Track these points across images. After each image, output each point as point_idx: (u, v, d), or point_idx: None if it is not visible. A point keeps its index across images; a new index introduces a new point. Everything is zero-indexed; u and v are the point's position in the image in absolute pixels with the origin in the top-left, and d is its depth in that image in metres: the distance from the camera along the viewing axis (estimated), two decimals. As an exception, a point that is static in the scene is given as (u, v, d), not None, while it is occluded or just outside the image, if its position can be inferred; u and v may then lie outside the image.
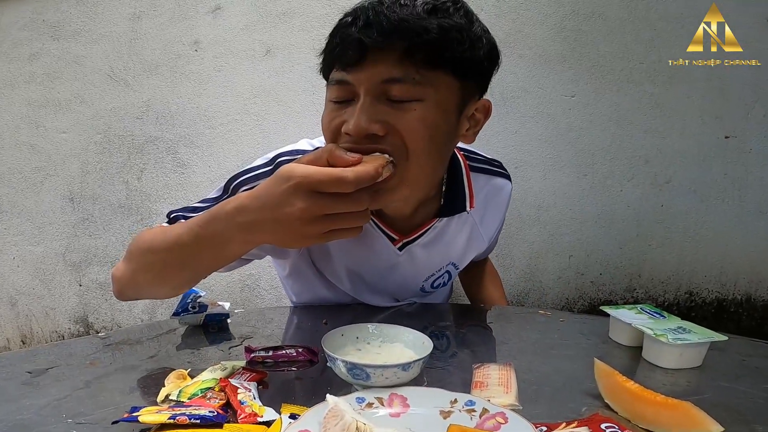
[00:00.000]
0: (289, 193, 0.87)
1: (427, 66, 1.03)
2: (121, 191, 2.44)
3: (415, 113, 1.04)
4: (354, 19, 1.03)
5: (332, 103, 1.10)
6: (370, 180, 0.87)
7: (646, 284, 2.51)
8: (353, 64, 1.03)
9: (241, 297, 2.47)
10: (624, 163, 2.42)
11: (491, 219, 1.49)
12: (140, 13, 2.35)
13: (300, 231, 0.89)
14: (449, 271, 1.49)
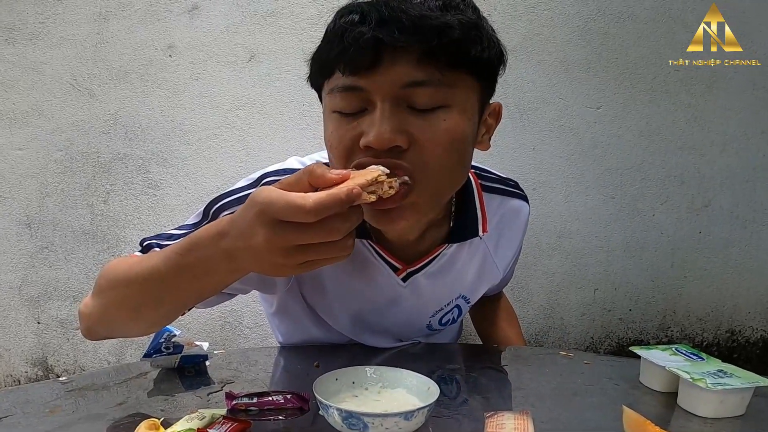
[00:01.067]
0: (252, 221, 0.85)
1: (449, 67, 1.03)
2: (85, 216, 2.41)
3: (443, 123, 1.04)
4: (363, 16, 1.00)
5: (338, 114, 1.08)
6: (340, 205, 0.82)
7: (681, 321, 2.52)
8: (367, 67, 1.01)
9: (222, 336, 2.45)
10: (657, 183, 2.43)
11: (506, 246, 1.48)
12: (107, 13, 2.33)
13: (272, 261, 0.87)
14: (459, 305, 1.48)
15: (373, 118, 1.01)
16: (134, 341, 2.41)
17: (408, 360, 1.35)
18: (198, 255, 0.94)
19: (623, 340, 2.53)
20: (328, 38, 1.07)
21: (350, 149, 1.05)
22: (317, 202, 0.80)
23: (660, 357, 1.17)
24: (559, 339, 2.53)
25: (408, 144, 1.02)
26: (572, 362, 1.37)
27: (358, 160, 1.03)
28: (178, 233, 1.24)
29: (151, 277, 1.02)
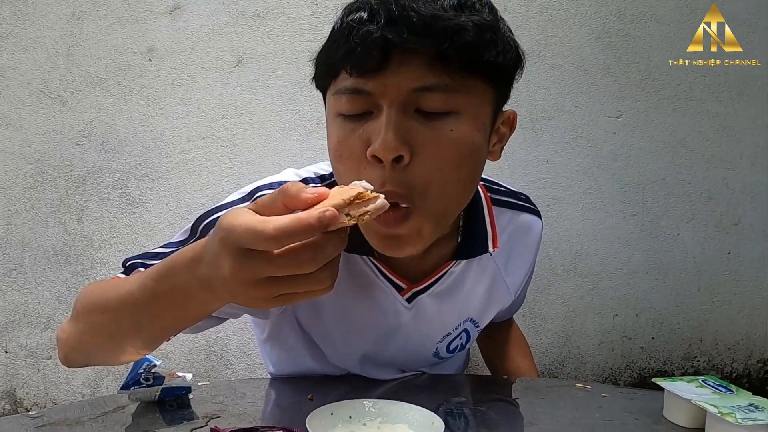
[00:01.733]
0: (218, 249, 0.78)
1: (461, 71, 0.97)
2: (57, 235, 2.30)
3: (450, 133, 0.99)
4: (372, 15, 0.95)
5: (342, 117, 1.02)
6: (307, 231, 0.72)
7: (709, 350, 2.46)
8: (374, 69, 0.96)
9: (206, 366, 2.35)
10: (682, 199, 2.39)
11: (517, 265, 1.41)
12: (81, 13, 2.23)
13: (243, 293, 0.79)
14: (467, 330, 1.42)
15: (379, 124, 0.96)
16: (111, 371, 2.32)
17: (410, 392, 1.30)
18: (173, 282, 0.89)
19: (645, 371, 2.45)
20: (335, 37, 1.02)
21: (359, 158, 1.00)
22: (278, 228, 0.72)
23: (685, 389, 1.14)
24: (575, 369, 2.44)
25: (410, 155, 0.97)
26: (589, 395, 1.34)
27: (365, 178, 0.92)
28: (163, 252, 1.18)
29: (126, 304, 0.98)
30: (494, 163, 1.18)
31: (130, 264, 1.19)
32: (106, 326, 1.05)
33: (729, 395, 1.11)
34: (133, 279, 0.99)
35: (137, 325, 0.99)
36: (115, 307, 1.00)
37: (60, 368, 2.25)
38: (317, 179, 1.26)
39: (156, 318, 0.97)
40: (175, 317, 0.95)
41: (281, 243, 0.73)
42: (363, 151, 0.98)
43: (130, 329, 1.01)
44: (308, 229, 0.72)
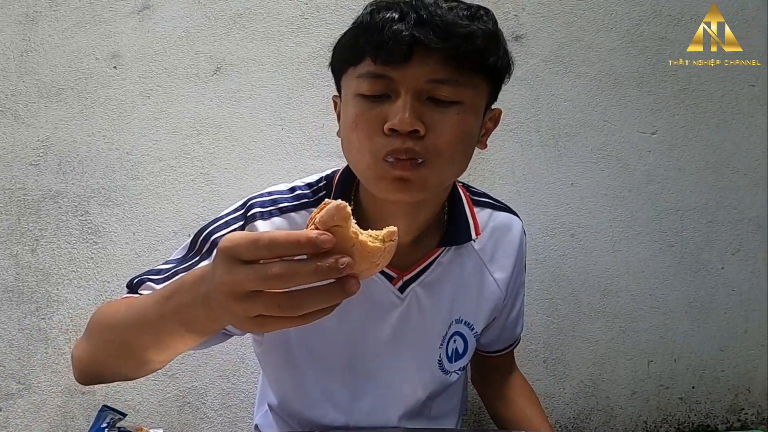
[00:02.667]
0: (215, 261, 0.85)
1: (468, 69, 1.18)
2: (8, 268, 2.16)
3: (456, 116, 1.19)
4: (402, 15, 1.15)
5: (361, 97, 1.20)
6: (296, 246, 0.78)
7: (758, 402, 2.34)
8: (399, 61, 1.15)
9: (180, 420, 2.21)
10: (726, 228, 2.30)
11: (502, 261, 1.54)
12: (35, 14, 2.13)
13: (228, 307, 0.85)
14: (463, 333, 1.52)
15: (398, 106, 1.16)
16: (70, 426, 2.15)
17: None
18: (180, 301, 0.97)
19: (685, 425, 2.32)
20: (363, 29, 1.19)
21: (375, 130, 1.19)
22: (272, 238, 0.79)
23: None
24: (605, 424, 2.32)
25: (425, 130, 1.17)
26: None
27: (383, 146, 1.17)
28: (166, 267, 1.35)
29: (138, 321, 1.08)
30: (513, 185, 1.72)
31: (137, 281, 1.32)
32: (118, 343, 1.15)
33: None
34: (145, 298, 1.11)
35: (148, 343, 1.09)
36: (127, 324, 1.11)
37: (11, 422, 2.10)
38: (305, 186, 1.42)
39: (163, 335, 1.04)
40: (182, 335, 1.02)
41: (271, 250, 0.78)
42: (379, 125, 1.17)
43: (141, 346, 1.10)
44: (295, 244, 0.78)
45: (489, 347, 1.65)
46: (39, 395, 2.06)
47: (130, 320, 1.10)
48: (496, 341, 1.66)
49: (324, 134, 2.08)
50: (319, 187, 1.41)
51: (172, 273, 1.33)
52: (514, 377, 1.77)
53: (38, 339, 2.05)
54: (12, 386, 2.05)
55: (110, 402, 2.02)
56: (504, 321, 1.63)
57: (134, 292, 1.31)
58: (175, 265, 1.34)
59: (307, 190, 1.40)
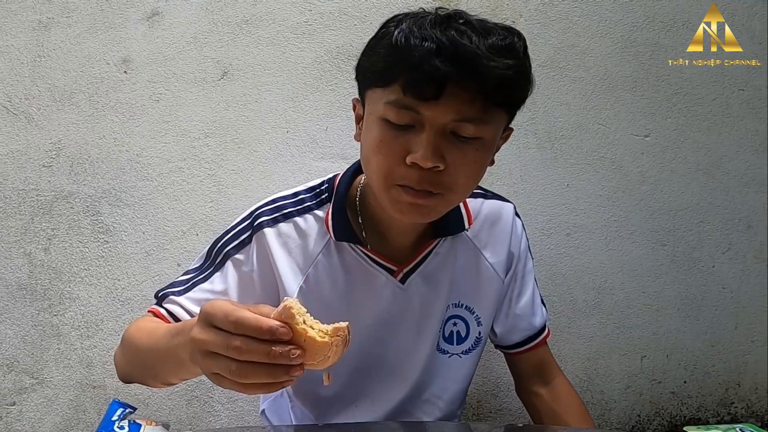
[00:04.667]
0: (198, 319, 0.94)
1: (494, 107, 1.19)
2: (22, 267, 2.17)
3: (475, 152, 1.22)
4: (440, 49, 1.12)
5: (387, 123, 1.21)
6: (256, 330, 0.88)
7: (747, 396, 2.37)
8: (430, 98, 1.14)
9: (188, 413, 2.22)
10: (718, 228, 2.32)
11: (496, 246, 1.58)
12: (48, 21, 2.12)
13: (195, 359, 0.95)
14: (462, 317, 1.55)
15: (421, 140, 1.17)
16: (81, 419, 2.17)
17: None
18: (176, 342, 1.06)
19: (676, 419, 2.35)
20: (396, 55, 1.18)
21: (396, 159, 1.20)
22: (239, 317, 0.89)
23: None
24: (599, 417, 2.33)
25: (444, 166, 1.18)
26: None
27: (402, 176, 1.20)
28: (185, 279, 1.44)
29: (153, 349, 1.19)
30: (511, 186, 1.78)
31: (161, 295, 1.41)
32: (141, 363, 1.26)
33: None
34: (161, 329, 1.20)
35: (164, 367, 1.18)
36: (147, 349, 1.22)
37: (25, 415, 2.11)
38: (308, 190, 1.46)
39: (175, 365, 1.11)
40: (188, 367, 1.05)
41: (237, 327, 0.87)
42: (401, 154, 1.19)
43: (159, 369, 1.20)
44: (256, 328, 0.87)
45: (507, 338, 1.63)
46: (52, 389, 2.07)
47: (148, 347, 1.20)
48: (511, 330, 1.65)
49: (327, 136, 2.09)
50: (321, 190, 1.44)
51: (191, 285, 1.40)
52: (560, 386, 1.70)
53: (51, 335, 2.06)
54: (26, 381, 2.06)
55: (121, 396, 2.03)
56: (512, 306, 1.64)
57: (159, 305, 1.39)
58: (192, 277, 1.41)
59: (309, 194, 1.44)
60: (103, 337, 2.07)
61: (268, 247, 1.38)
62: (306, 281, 1.40)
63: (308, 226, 1.41)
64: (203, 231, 2.06)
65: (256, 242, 1.39)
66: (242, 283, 1.40)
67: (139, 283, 2.08)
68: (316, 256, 1.40)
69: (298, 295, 1.38)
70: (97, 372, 2.08)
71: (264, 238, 1.39)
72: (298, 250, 1.40)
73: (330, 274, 1.41)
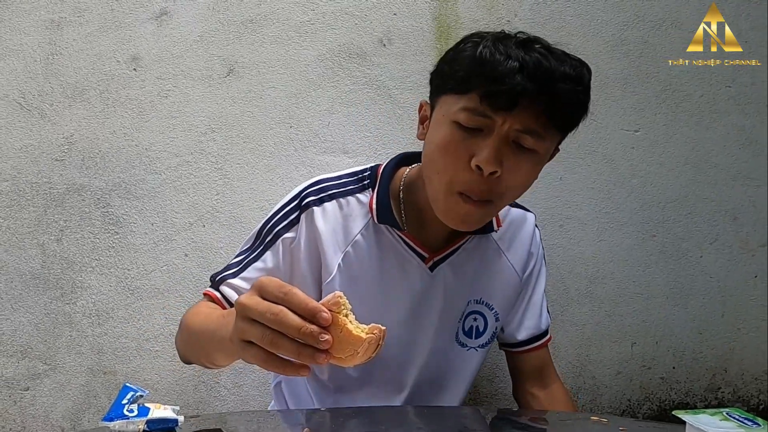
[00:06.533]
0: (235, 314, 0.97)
1: (555, 125, 1.29)
2: (35, 257, 2.17)
3: (530, 165, 1.30)
4: (522, 68, 1.20)
5: (457, 125, 1.28)
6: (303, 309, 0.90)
7: (734, 381, 2.36)
8: (505, 109, 1.22)
9: (195, 398, 2.22)
10: (705, 219, 2.32)
11: (518, 249, 1.65)
12: (61, 20, 2.12)
13: (239, 347, 0.97)
14: (482, 313, 1.61)
15: (487, 144, 1.24)
16: (92, 405, 2.18)
17: (414, 427, 1.35)
18: (228, 320, 1.04)
19: (665, 403, 2.35)
20: (478, 66, 1.25)
21: (461, 161, 1.27)
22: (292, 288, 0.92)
23: (709, 423, 1.11)
24: (591, 401, 2.33)
25: (501, 172, 1.26)
26: (606, 429, 1.35)
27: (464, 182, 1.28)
28: (238, 261, 1.51)
29: (206, 332, 1.24)
30: None
31: (218, 279, 1.48)
32: (196, 346, 1.33)
33: (756, 429, 1.08)
34: (215, 313, 1.29)
35: (215, 350, 1.21)
36: (200, 333, 1.28)
37: (38, 400, 2.12)
38: (351, 175, 1.53)
39: (216, 345, 1.17)
40: (222, 348, 1.15)
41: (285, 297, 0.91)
42: (466, 157, 1.26)
43: (210, 352, 1.24)
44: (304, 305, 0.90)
45: (516, 334, 1.69)
46: (64, 375, 2.07)
47: (202, 330, 1.26)
48: (519, 327, 1.70)
49: (329, 131, 2.10)
50: (364, 176, 1.51)
51: (244, 265, 1.47)
52: (557, 391, 1.76)
53: (63, 323, 2.07)
54: (39, 367, 2.07)
55: (131, 381, 2.05)
56: (524, 304, 1.70)
57: (216, 288, 1.47)
58: (245, 257, 1.48)
59: (353, 178, 1.52)
60: (113, 325, 2.08)
61: (314, 224, 1.45)
62: (345, 258, 1.47)
63: (350, 207, 1.47)
64: (210, 222, 2.07)
65: (305, 220, 1.45)
66: (292, 259, 1.46)
67: (148, 273, 2.08)
68: (355, 235, 1.47)
69: (336, 272, 1.46)
70: (108, 358, 2.08)
71: (312, 216, 1.45)
72: (339, 228, 1.46)
73: (367, 253, 1.48)
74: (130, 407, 1.19)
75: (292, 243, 1.45)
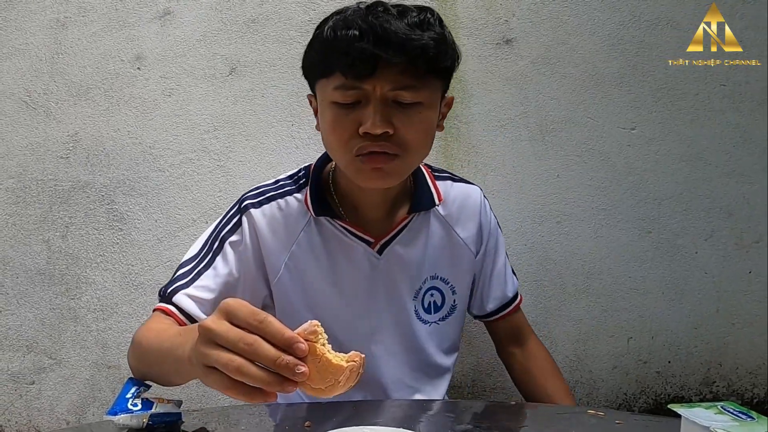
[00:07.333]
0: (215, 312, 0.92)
1: (424, 74, 1.32)
2: (41, 253, 2.17)
3: (419, 115, 1.34)
4: (362, 34, 1.25)
5: (336, 105, 1.33)
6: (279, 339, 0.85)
7: (728, 375, 2.36)
8: (366, 75, 1.27)
9: (198, 392, 2.22)
10: (700, 216, 2.31)
11: (466, 223, 1.66)
12: (66, 19, 2.12)
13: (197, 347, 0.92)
14: (439, 288, 1.63)
15: (368, 111, 1.29)
16: (97, 398, 2.19)
17: (413, 419, 1.33)
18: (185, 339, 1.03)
19: (661, 397, 2.35)
20: (329, 46, 1.31)
21: (350, 134, 1.32)
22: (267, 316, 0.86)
23: (703, 416, 1.08)
24: (588, 395, 2.33)
25: (394, 131, 1.31)
26: (602, 422, 1.33)
27: (359, 145, 1.31)
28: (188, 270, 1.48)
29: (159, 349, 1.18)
30: (504, 177, 1.91)
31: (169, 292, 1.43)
32: (149, 365, 1.27)
33: (750, 422, 1.05)
34: (168, 334, 1.21)
35: (169, 370, 1.17)
36: (153, 349, 1.22)
37: (43, 394, 2.13)
38: (287, 177, 1.57)
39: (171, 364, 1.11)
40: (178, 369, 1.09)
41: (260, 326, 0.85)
42: (354, 128, 1.31)
43: (165, 372, 1.21)
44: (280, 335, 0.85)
45: (484, 307, 1.72)
46: (69, 369, 2.09)
47: (156, 348, 1.20)
48: (486, 299, 1.73)
49: None
50: (299, 176, 1.56)
51: (195, 275, 1.45)
52: (532, 346, 1.82)
53: (68, 318, 2.08)
54: (44, 361, 2.09)
55: None
56: (486, 278, 1.73)
57: (168, 302, 1.42)
58: (193, 267, 1.46)
59: (289, 180, 1.55)
60: (117, 320, 2.09)
61: (255, 226, 1.47)
62: (290, 257, 1.49)
63: (289, 207, 1.50)
64: (212, 219, 2.00)
65: (246, 222, 1.48)
66: (240, 262, 1.47)
67: (151, 269, 2.09)
68: (298, 234, 1.49)
69: (283, 270, 1.49)
70: (112, 353, 2.10)
71: (252, 218, 1.47)
72: (281, 229, 1.48)
73: (312, 248, 1.50)
74: (134, 401, 1.20)
75: (239, 245, 1.47)
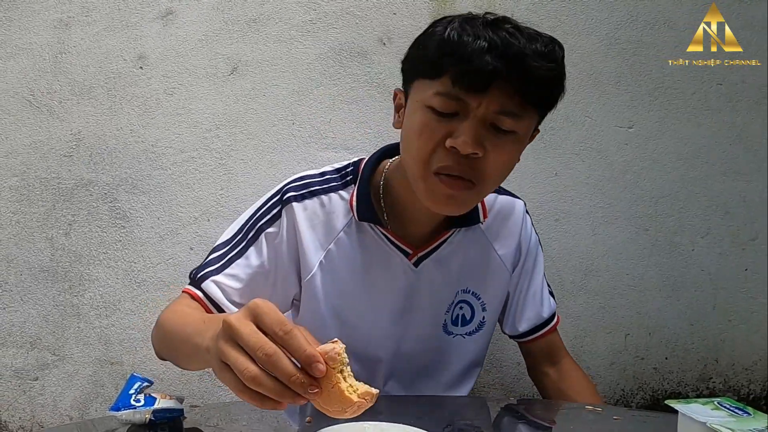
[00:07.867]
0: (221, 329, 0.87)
1: (532, 105, 1.25)
2: (44, 251, 2.17)
3: (510, 145, 1.27)
4: (490, 47, 1.17)
5: (432, 111, 1.24)
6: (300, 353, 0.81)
7: (725, 372, 2.37)
8: (479, 90, 1.19)
9: (200, 388, 2.22)
10: (697, 214, 2.32)
11: (507, 239, 1.61)
12: (69, 19, 2.11)
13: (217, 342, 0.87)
14: (469, 302, 1.59)
15: (463, 127, 1.21)
16: (100, 395, 2.19)
17: (414, 414, 1.30)
18: (207, 327, 1.00)
19: (658, 393, 2.35)
20: (448, 48, 1.22)
21: (436, 144, 1.24)
22: (293, 329, 0.83)
23: (700, 412, 1.10)
24: None
25: (482, 154, 1.23)
26: (600, 418, 1.35)
27: (442, 163, 1.24)
28: (219, 256, 1.44)
29: (182, 335, 1.15)
30: None
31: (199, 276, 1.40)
32: (171, 347, 1.27)
33: (746, 418, 1.07)
34: (192, 319, 1.18)
35: (185, 355, 1.17)
36: (176, 332, 1.20)
37: (47, 390, 2.13)
38: (334, 171, 1.49)
39: (193, 357, 1.10)
40: (194, 355, 1.07)
41: (284, 336, 0.81)
42: (442, 139, 1.23)
43: (184, 355, 1.19)
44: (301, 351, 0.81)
45: (517, 327, 1.67)
46: (72, 365, 2.09)
47: (178, 331, 1.18)
48: (519, 319, 1.68)
49: (331, 128, 2.10)
50: (347, 172, 1.48)
51: (226, 261, 1.41)
52: (566, 366, 1.76)
53: (71, 314, 2.08)
54: (47, 357, 2.09)
55: (137, 372, 2.07)
56: (521, 297, 1.67)
57: (196, 286, 1.39)
58: (226, 253, 1.42)
59: (336, 175, 1.47)
60: (120, 317, 2.09)
61: (294, 220, 1.41)
62: (326, 256, 1.44)
63: (332, 205, 1.44)
64: (214, 217, 2.07)
65: (286, 215, 1.42)
66: (275, 255, 1.42)
67: (153, 266, 2.09)
68: (337, 233, 1.44)
69: (317, 269, 1.43)
70: (115, 349, 2.09)
71: (292, 211, 1.41)
72: (321, 226, 1.43)
73: (350, 251, 1.45)
74: (137, 397, 1.21)
75: (275, 238, 1.42)
